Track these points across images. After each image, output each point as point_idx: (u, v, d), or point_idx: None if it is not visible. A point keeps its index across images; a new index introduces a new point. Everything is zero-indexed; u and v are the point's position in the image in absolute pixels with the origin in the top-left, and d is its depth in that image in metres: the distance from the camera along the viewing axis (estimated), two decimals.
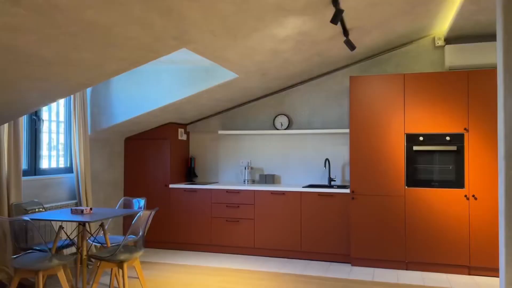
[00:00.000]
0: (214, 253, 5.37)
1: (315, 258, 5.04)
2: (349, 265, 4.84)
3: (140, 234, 3.73)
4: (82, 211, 3.78)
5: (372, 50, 5.00)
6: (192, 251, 5.49)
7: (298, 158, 5.63)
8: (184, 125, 5.98)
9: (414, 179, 4.61)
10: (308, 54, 4.30)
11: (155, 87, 4.74)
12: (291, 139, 5.68)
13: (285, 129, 5.63)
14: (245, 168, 5.69)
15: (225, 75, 4.43)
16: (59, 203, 4.53)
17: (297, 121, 5.66)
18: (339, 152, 5.47)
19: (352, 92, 4.82)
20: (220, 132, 5.69)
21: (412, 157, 4.63)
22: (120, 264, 3.50)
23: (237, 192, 5.31)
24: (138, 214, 3.46)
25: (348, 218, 4.90)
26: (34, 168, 4.42)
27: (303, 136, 5.63)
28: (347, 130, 5.20)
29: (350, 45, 3.99)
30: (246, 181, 5.67)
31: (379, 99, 4.73)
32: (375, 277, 4.36)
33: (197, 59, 4.34)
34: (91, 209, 3.86)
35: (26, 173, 4.32)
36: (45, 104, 3.52)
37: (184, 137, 5.94)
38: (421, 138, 4.62)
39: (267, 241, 5.18)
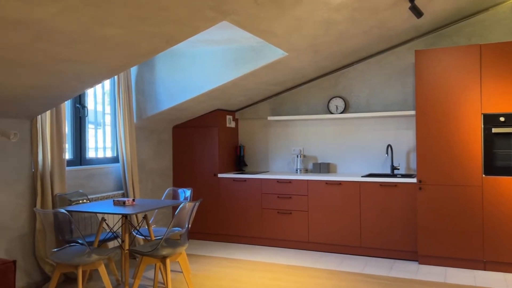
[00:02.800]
0: (265, 247, 5.05)
1: (377, 255, 4.56)
2: (416, 263, 4.32)
3: (185, 227, 3.47)
4: (124, 202, 3.59)
5: (441, 20, 4.38)
6: (242, 244, 5.20)
7: (356, 145, 5.14)
8: (232, 112, 5.67)
9: (493, 166, 3.98)
10: (366, 26, 3.79)
11: (199, 71, 4.45)
12: (348, 124, 5.19)
13: (341, 113, 5.15)
14: (297, 156, 5.29)
15: (273, 54, 4.04)
16: (105, 194, 4.39)
17: (355, 103, 5.15)
18: (403, 137, 4.90)
19: (418, 69, 4.25)
20: (269, 118, 5.32)
21: (491, 141, 4.00)
22: (162, 260, 3.26)
23: (289, 182, 4.93)
24: (180, 206, 3.19)
25: (415, 210, 4.36)
26: (79, 158, 4.31)
27: (361, 120, 5.12)
28: (413, 112, 4.63)
29: (417, 11, 3.44)
30: (298, 170, 5.27)
31: (451, 75, 4.13)
32: (448, 278, 3.82)
33: (242, 38, 3.97)
34: (133, 200, 3.66)
35: (71, 163, 4.21)
36: (81, 90, 3.33)
37: (232, 124, 5.63)
38: (501, 119, 3.97)
39: (322, 235, 4.77)
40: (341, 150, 5.23)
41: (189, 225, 3.44)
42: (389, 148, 4.96)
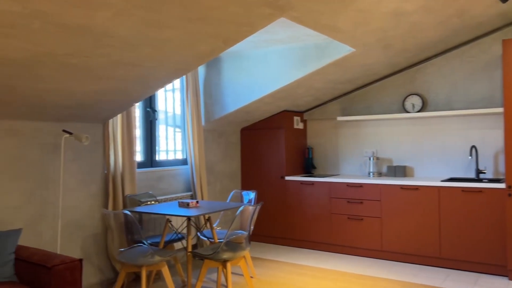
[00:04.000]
0: (334, 253, 4.82)
1: (459, 268, 4.13)
2: (506, 279, 3.83)
3: (247, 230, 3.40)
4: (188, 204, 3.61)
5: None
6: (309, 249, 5.02)
7: (436, 146, 4.72)
8: (300, 113, 5.52)
9: None
10: (444, 16, 3.44)
11: (263, 72, 4.38)
12: (426, 124, 4.78)
13: (417, 111, 4.77)
14: (370, 159, 4.99)
15: (339, 51, 3.83)
16: (173, 195, 4.49)
17: (433, 101, 4.74)
18: (490, 137, 4.40)
19: (506, 61, 3.77)
20: (339, 118, 5.08)
21: None
22: (223, 263, 3.21)
23: (360, 186, 4.66)
24: (239, 209, 3.13)
25: (504, 219, 3.87)
26: (150, 160, 4.45)
27: (441, 120, 4.69)
28: (501, 109, 4.13)
29: None
30: (371, 173, 4.97)
31: None
32: None
33: (306, 35, 3.83)
34: (197, 202, 3.68)
35: (142, 165, 4.36)
36: (147, 94, 3.41)
37: (300, 126, 5.48)
38: None
39: (397, 244, 4.43)
40: (418, 152, 4.84)
41: (251, 229, 3.37)
42: (474, 149, 4.48)
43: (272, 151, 5.30)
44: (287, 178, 5.17)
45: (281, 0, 2.47)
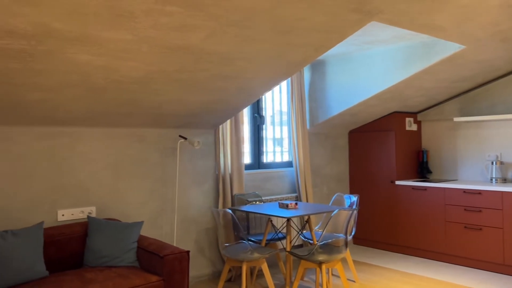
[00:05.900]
0: (447, 264, 4.49)
1: None
2: None
3: (345, 234, 3.41)
4: (287, 205, 3.76)
5: None
6: (418, 257, 4.75)
7: None
8: (413, 114, 5.25)
9: None
10: None
11: (367, 74, 4.30)
12: None
13: None
14: (493, 163, 4.53)
15: (448, 49, 3.59)
16: (279, 196, 4.69)
17: None
18: None
19: None
20: (455, 119, 4.71)
21: None
22: (319, 265, 3.29)
23: (478, 193, 4.27)
24: (333, 213, 3.17)
25: None
26: (258, 162, 4.72)
27: None
28: None
29: None
30: (493, 179, 4.51)
31: None
32: None
33: (411, 34, 3.67)
34: (296, 204, 3.81)
35: (250, 166, 4.65)
36: (249, 103, 3.66)
37: (413, 127, 5.22)
38: None
39: None
40: None
41: (347, 233, 3.37)
42: None
43: (381, 154, 5.15)
44: (397, 182, 4.97)
45: (368, 5, 2.46)
